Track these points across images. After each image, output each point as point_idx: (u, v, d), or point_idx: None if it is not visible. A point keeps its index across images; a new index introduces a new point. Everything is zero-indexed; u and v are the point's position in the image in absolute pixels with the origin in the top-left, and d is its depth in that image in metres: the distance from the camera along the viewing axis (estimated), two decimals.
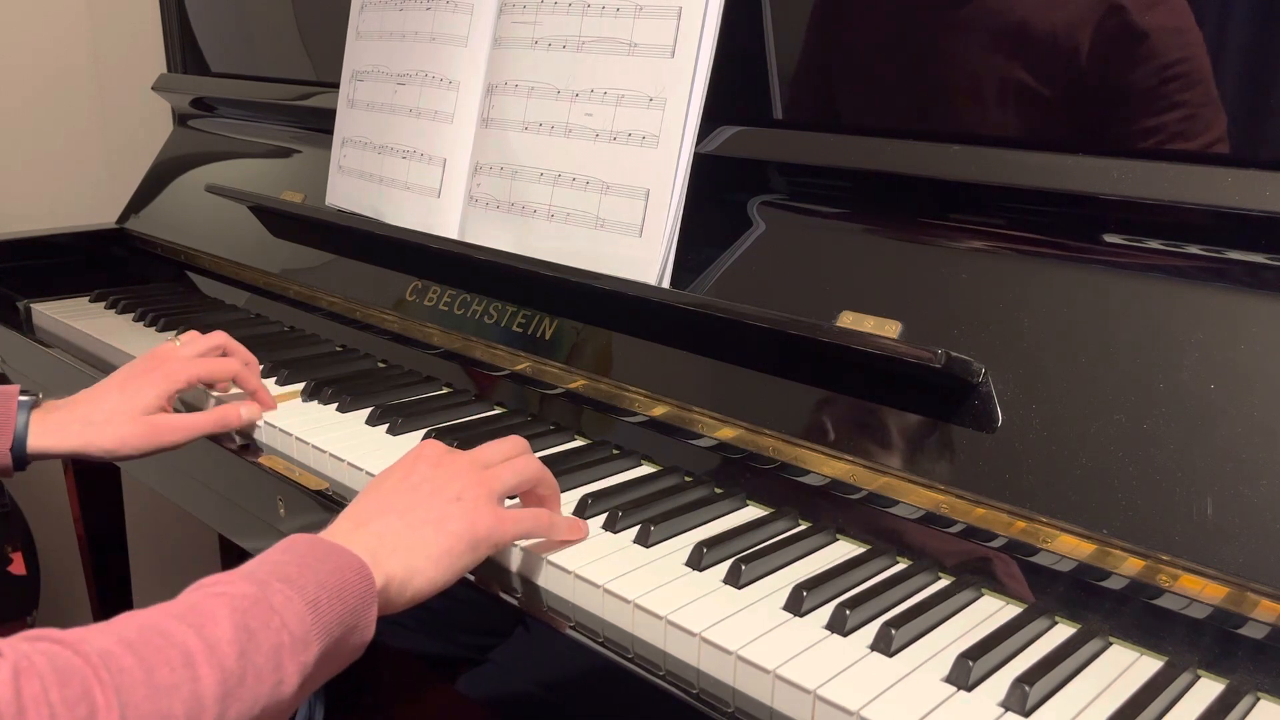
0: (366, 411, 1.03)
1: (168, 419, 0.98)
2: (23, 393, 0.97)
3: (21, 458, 0.96)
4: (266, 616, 0.58)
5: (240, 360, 1.06)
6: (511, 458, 0.78)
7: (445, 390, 1.11)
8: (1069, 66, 0.77)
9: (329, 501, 0.90)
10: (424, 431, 0.98)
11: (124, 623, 0.55)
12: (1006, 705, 0.61)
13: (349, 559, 0.65)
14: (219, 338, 1.06)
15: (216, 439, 1.04)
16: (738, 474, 0.88)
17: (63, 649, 0.52)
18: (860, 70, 0.91)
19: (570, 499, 0.85)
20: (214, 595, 0.58)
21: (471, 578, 0.77)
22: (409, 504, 0.71)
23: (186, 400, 1.12)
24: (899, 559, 0.78)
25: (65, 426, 0.96)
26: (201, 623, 0.56)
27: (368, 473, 0.90)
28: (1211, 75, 0.71)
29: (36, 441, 0.95)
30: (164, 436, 0.97)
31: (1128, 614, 0.68)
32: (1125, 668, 0.66)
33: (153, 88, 1.75)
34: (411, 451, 0.78)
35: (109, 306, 1.46)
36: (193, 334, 1.07)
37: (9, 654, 0.50)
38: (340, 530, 0.69)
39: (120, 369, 1.03)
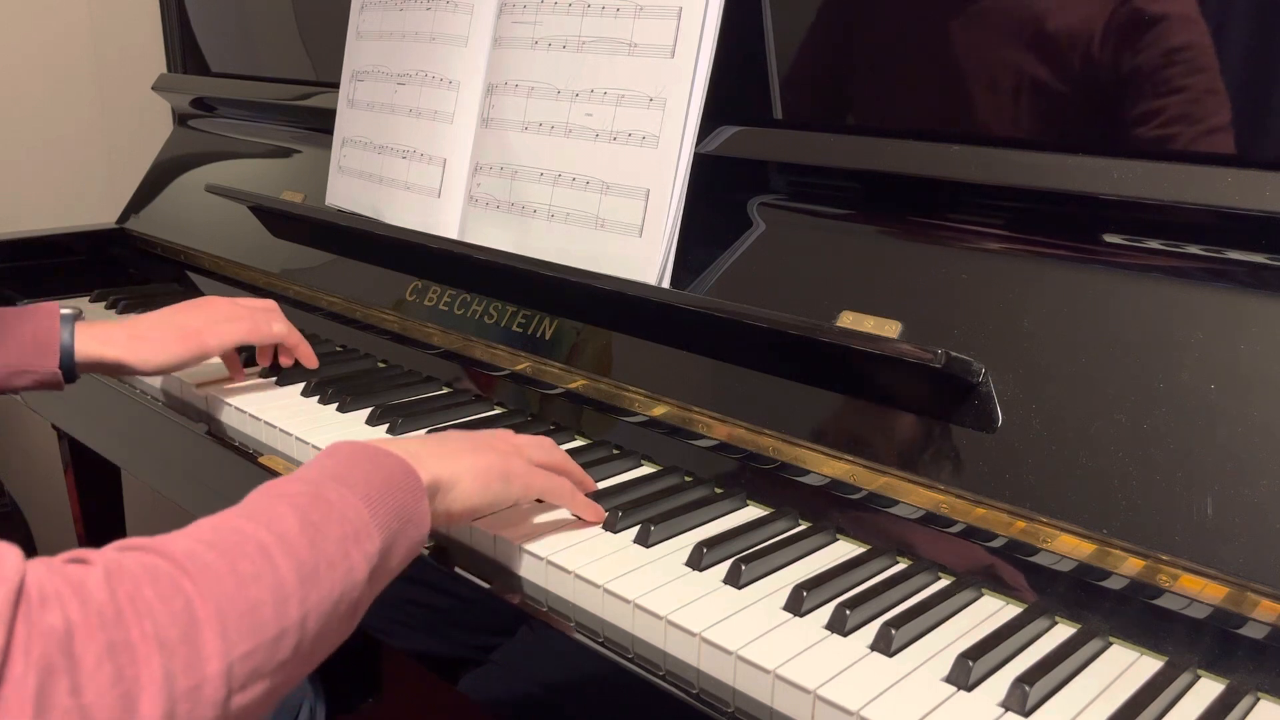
0: (366, 411, 1.03)
1: (207, 329, 1.04)
2: (63, 307, 1.03)
3: (71, 368, 1.01)
4: (326, 510, 0.60)
5: (282, 331, 1.11)
6: (548, 446, 0.83)
7: (445, 390, 1.11)
8: (1069, 67, 0.77)
9: None
10: (424, 431, 0.98)
11: (197, 527, 0.57)
12: (1006, 705, 0.61)
13: (392, 458, 0.67)
14: (268, 304, 1.12)
15: (215, 439, 1.04)
16: (738, 474, 0.88)
17: (148, 554, 0.53)
18: (860, 70, 0.91)
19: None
20: (273, 496, 0.61)
21: (473, 579, 0.77)
22: (446, 446, 0.75)
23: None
24: (899, 559, 0.78)
25: (111, 336, 1.02)
26: (269, 519, 0.58)
27: None
28: (1211, 75, 0.71)
29: (84, 349, 1.01)
30: (205, 341, 1.04)
31: (1128, 614, 0.68)
32: (1125, 668, 0.66)
33: (153, 88, 1.75)
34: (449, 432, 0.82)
35: (109, 306, 1.46)
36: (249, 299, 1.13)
37: (98, 561, 0.52)
38: (379, 443, 0.72)
39: (169, 308, 1.09)
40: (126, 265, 1.66)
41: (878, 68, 0.89)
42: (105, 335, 1.01)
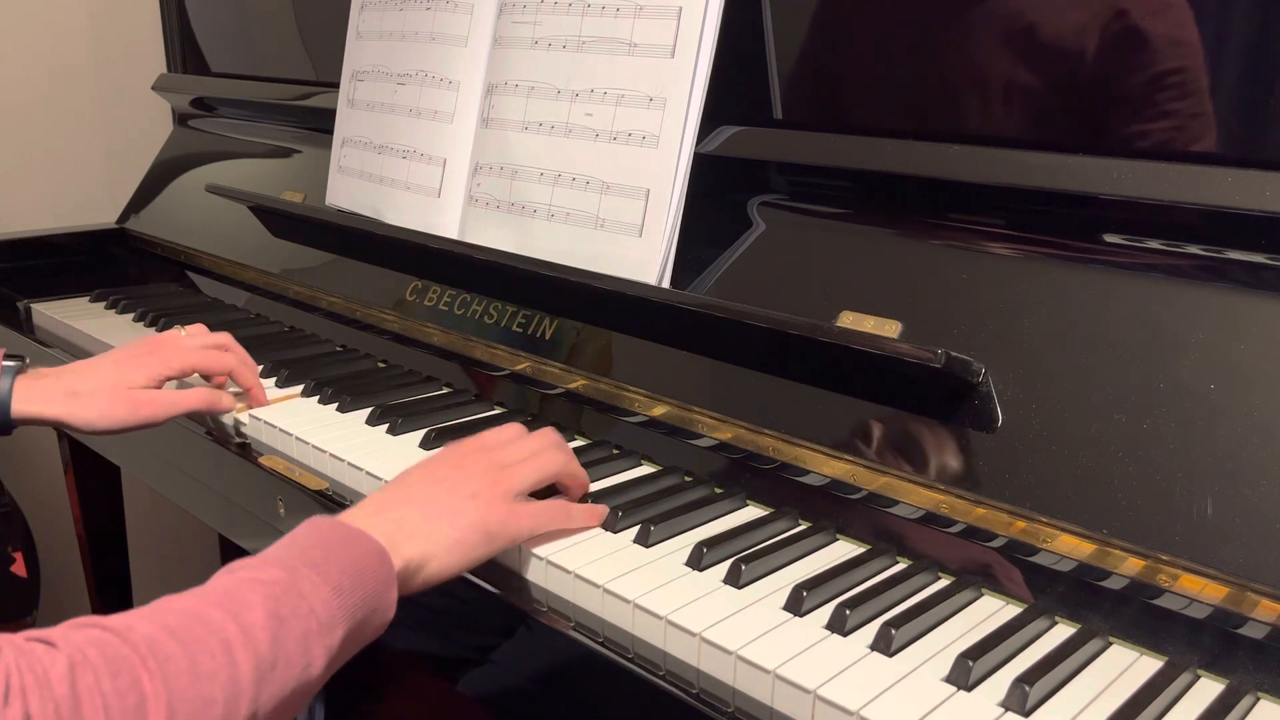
0: (366, 411, 1.03)
1: (149, 394, 0.98)
2: (8, 357, 0.98)
3: (6, 422, 0.96)
4: (296, 603, 0.60)
5: (237, 357, 1.07)
6: (537, 452, 0.80)
7: (445, 390, 1.11)
8: (1070, 66, 0.77)
9: (329, 501, 0.90)
10: (424, 431, 0.98)
11: (165, 609, 0.57)
12: (1006, 705, 0.61)
13: (370, 543, 0.66)
14: (223, 337, 1.07)
15: (216, 438, 1.04)
16: (738, 474, 0.88)
17: (112, 637, 0.53)
18: (860, 70, 0.91)
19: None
20: (247, 581, 0.60)
21: (473, 578, 0.77)
22: (427, 497, 0.73)
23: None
24: (899, 559, 0.78)
25: (49, 395, 0.96)
26: (238, 609, 0.58)
27: (368, 472, 0.90)
28: (1212, 76, 0.71)
29: (20, 407, 0.96)
30: (143, 410, 0.97)
31: (1128, 614, 0.68)
32: (1125, 668, 0.66)
33: (153, 88, 1.75)
34: (438, 452, 0.80)
35: (109, 306, 1.46)
36: (200, 326, 1.08)
37: (63, 646, 0.52)
38: (360, 515, 0.71)
39: (119, 347, 1.04)
40: (126, 265, 1.66)
41: (878, 68, 0.89)
42: (44, 393, 0.96)
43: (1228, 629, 0.64)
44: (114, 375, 0.98)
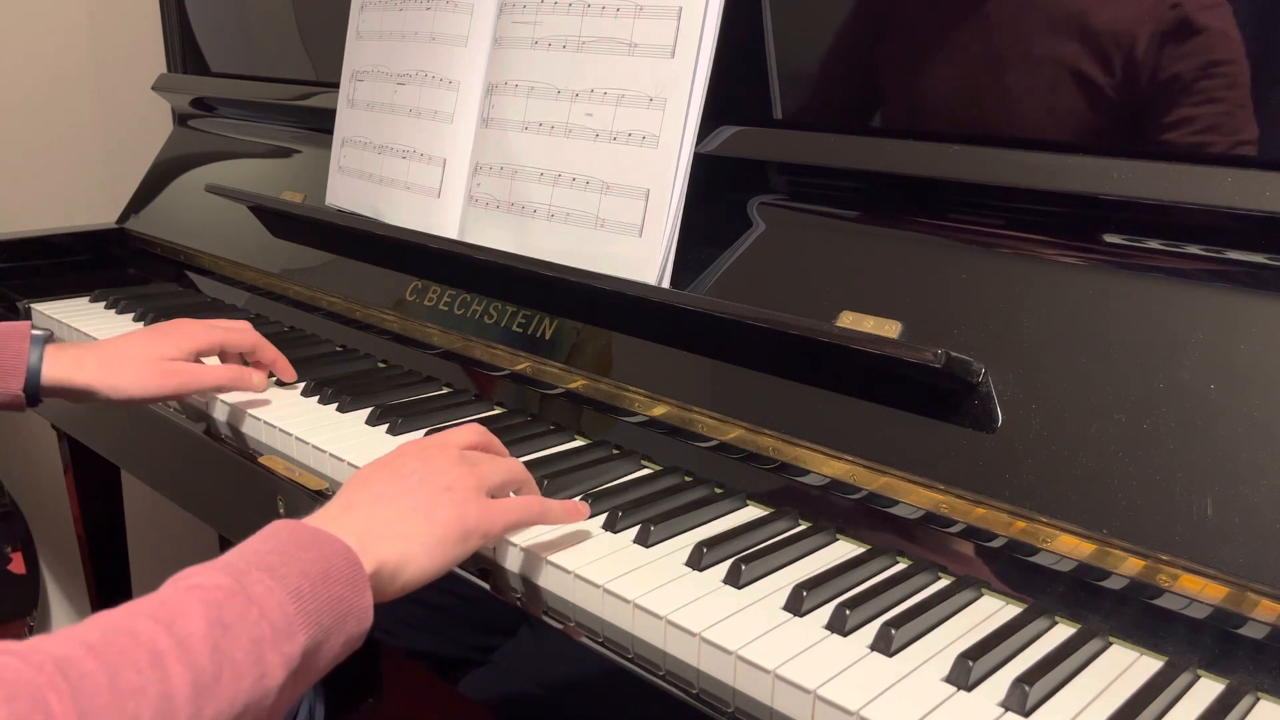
0: (366, 411, 1.03)
1: (179, 364, 1.02)
2: (34, 328, 1.00)
3: (34, 393, 0.98)
4: (243, 609, 0.56)
5: (257, 338, 1.09)
6: (506, 458, 0.79)
7: (445, 390, 1.11)
8: (1067, 67, 0.77)
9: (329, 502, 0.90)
10: (424, 431, 0.98)
11: (89, 625, 0.53)
12: (1006, 705, 0.61)
13: (335, 545, 0.62)
14: (243, 325, 1.10)
15: (214, 439, 1.04)
16: (738, 474, 0.88)
17: (14, 660, 0.49)
18: (860, 70, 0.91)
19: (570, 499, 0.85)
20: (187, 589, 0.56)
21: (473, 579, 0.77)
22: (399, 492, 0.70)
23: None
24: (899, 559, 0.78)
25: (80, 361, 0.98)
26: (172, 619, 0.54)
27: None
28: (1210, 76, 0.71)
29: (51, 373, 0.97)
30: (172, 380, 1.00)
31: (1128, 614, 0.68)
32: (1125, 668, 0.66)
33: (153, 88, 1.75)
34: (399, 447, 0.77)
35: (109, 306, 1.46)
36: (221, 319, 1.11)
37: None
38: (327, 516, 0.68)
39: (146, 327, 1.08)
40: (126, 265, 1.66)
41: (877, 68, 0.89)
42: (76, 359, 0.97)
43: (1228, 629, 0.64)
44: (146, 346, 1.01)
